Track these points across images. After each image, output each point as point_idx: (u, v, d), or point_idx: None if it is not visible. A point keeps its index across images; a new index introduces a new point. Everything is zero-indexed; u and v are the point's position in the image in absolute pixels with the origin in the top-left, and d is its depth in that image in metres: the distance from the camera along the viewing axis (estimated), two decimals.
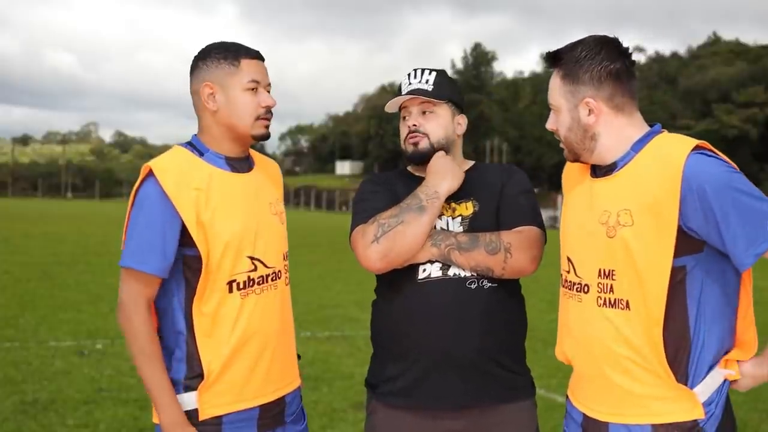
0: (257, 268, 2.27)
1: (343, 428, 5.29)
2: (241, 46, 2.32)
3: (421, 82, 2.44)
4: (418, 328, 2.32)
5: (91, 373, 6.54)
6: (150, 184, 2.18)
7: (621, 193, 2.04)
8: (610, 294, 2.04)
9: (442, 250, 2.31)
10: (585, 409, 2.16)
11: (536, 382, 2.56)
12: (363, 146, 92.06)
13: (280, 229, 2.40)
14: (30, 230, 24.50)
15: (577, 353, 2.17)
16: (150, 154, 69.80)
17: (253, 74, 2.28)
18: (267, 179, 2.44)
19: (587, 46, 2.11)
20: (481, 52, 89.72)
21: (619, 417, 2.07)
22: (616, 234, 2.02)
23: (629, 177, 2.05)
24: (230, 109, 2.27)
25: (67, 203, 65.12)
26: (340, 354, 7.66)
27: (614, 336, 2.04)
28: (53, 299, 10.62)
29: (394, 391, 2.38)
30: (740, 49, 75.16)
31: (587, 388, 2.15)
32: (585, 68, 2.09)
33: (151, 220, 2.15)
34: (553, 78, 2.15)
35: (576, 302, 2.14)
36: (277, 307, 2.34)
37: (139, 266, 2.14)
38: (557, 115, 2.16)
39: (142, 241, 2.15)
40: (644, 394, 2.03)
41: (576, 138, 2.13)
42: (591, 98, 2.09)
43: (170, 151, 2.31)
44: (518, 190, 2.46)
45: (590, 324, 2.09)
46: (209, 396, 2.21)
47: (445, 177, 2.36)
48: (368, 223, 2.33)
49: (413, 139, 2.44)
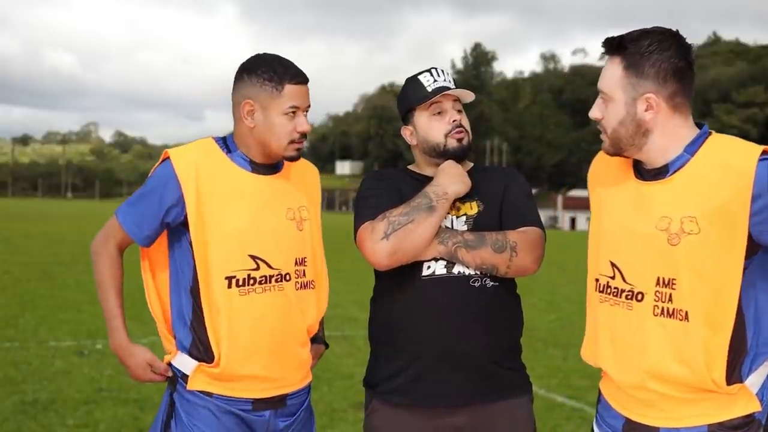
0: (260, 267, 2.29)
1: (343, 428, 5.28)
2: (289, 68, 2.32)
3: (446, 81, 2.50)
4: (421, 325, 2.34)
5: (91, 373, 6.55)
6: (165, 167, 2.30)
7: (682, 199, 1.96)
8: (669, 303, 1.97)
9: (449, 248, 2.33)
10: (629, 413, 2.08)
11: (536, 382, 2.57)
12: (363, 146, 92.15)
13: (295, 235, 2.39)
14: (30, 230, 24.52)
15: (621, 361, 2.08)
16: (150, 154, 69.64)
17: (294, 100, 2.31)
18: (296, 185, 2.46)
19: (656, 39, 1.98)
20: (481, 52, 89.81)
21: (672, 421, 2.00)
22: (681, 242, 1.94)
23: (689, 182, 1.97)
24: (267, 129, 2.31)
25: (67, 203, 65.14)
26: (340, 354, 7.65)
27: (668, 347, 1.97)
28: (53, 299, 10.62)
29: (395, 389, 2.39)
30: (740, 49, 75.25)
31: (631, 394, 2.07)
32: (652, 62, 1.97)
33: (153, 194, 2.30)
34: (612, 66, 2.03)
35: (624, 309, 2.05)
36: (282, 310, 2.34)
37: (122, 218, 2.34)
38: (607, 104, 2.05)
39: (136, 204, 2.34)
40: (697, 399, 1.98)
41: (626, 132, 2.03)
42: (653, 94, 1.98)
43: (197, 141, 2.41)
44: (520, 193, 2.51)
45: (642, 333, 2.01)
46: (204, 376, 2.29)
47: (455, 180, 2.39)
48: (377, 219, 2.34)
49: (460, 135, 2.48)
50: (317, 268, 2.48)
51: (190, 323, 2.30)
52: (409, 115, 2.53)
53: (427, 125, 2.50)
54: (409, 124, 2.55)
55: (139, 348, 2.35)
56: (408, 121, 2.55)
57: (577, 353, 2.41)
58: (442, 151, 2.48)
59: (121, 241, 2.36)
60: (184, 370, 2.32)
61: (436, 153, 2.48)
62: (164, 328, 2.39)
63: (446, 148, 2.47)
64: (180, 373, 2.33)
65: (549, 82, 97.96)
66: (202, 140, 2.40)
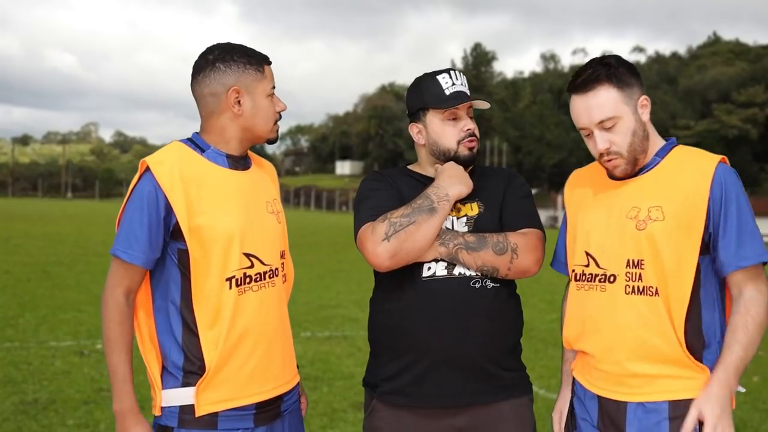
0: (254, 264, 2.28)
1: (343, 428, 5.29)
2: (257, 51, 2.36)
3: (463, 85, 2.49)
4: (422, 326, 2.34)
5: (91, 373, 6.56)
6: (146, 178, 2.21)
7: (651, 192, 2.20)
8: (639, 282, 2.18)
9: (450, 250, 2.33)
10: (600, 391, 2.26)
11: (536, 382, 2.58)
12: (363, 146, 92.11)
13: (277, 228, 2.40)
14: (30, 230, 24.50)
15: (595, 339, 2.26)
16: (150, 154, 69.50)
17: (272, 80, 2.35)
18: (264, 178, 2.46)
19: (613, 58, 2.23)
20: (481, 52, 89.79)
21: (637, 396, 2.18)
22: (647, 227, 2.17)
23: (658, 178, 2.22)
24: (255, 113, 2.31)
25: (67, 203, 65.15)
26: (340, 354, 7.66)
27: (641, 321, 2.16)
28: (53, 299, 10.62)
29: (396, 389, 2.39)
30: (740, 49, 75.24)
31: (604, 371, 2.24)
32: (629, 72, 2.21)
33: (141, 213, 2.18)
34: (604, 93, 2.19)
35: (598, 292, 2.25)
36: (275, 305, 2.35)
37: (123, 255, 2.19)
38: (614, 127, 2.20)
39: (129, 232, 2.19)
40: (662, 374, 2.16)
41: (638, 140, 2.21)
42: (644, 95, 2.24)
43: (167, 146, 2.33)
44: (520, 194, 2.51)
45: (616, 311, 2.21)
46: (207, 393, 2.22)
47: (456, 182, 2.39)
48: (378, 220, 2.34)
49: (472, 143, 2.48)
50: (289, 262, 2.49)
51: (181, 340, 2.23)
52: (421, 113, 2.50)
53: (441, 129, 2.48)
54: (419, 122, 2.51)
55: (145, 421, 2.25)
56: (418, 119, 2.52)
57: None
58: (452, 157, 2.47)
59: (129, 285, 2.22)
60: (183, 402, 2.22)
61: (445, 157, 2.48)
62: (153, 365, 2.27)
63: (457, 155, 2.47)
64: (175, 417, 2.23)
65: (549, 82, 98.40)
66: (171, 145, 2.32)
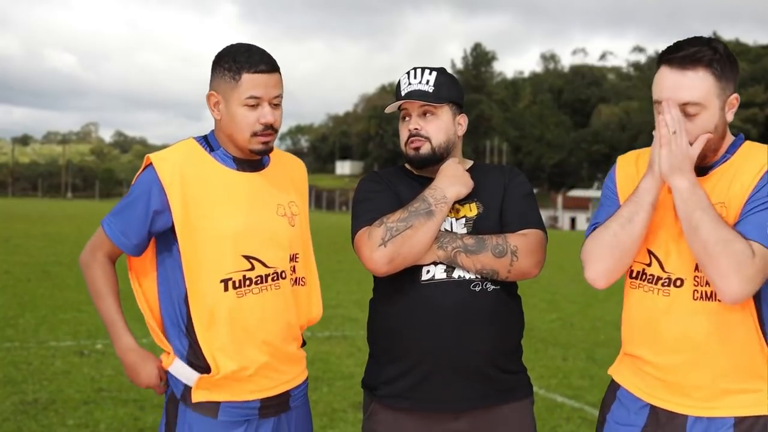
0: (255, 267, 2.26)
1: (343, 428, 5.28)
2: (251, 56, 2.21)
3: (421, 83, 2.38)
4: (421, 329, 2.31)
5: (91, 373, 6.55)
6: (148, 172, 2.24)
7: (716, 190, 2.06)
8: (707, 287, 2.03)
9: (448, 253, 2.29)
10: (656, 401, 2.11)
11: (536, 382, 2.57)
12: (363, 146, 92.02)
13: (287, 231, 2.35)
14: (30, 230, 24.50)
15: (654, 346, 2.11)
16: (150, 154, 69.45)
17: (253, 90, 2.20)
18: (283, 180, 2.41)
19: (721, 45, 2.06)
20: (481, 52, 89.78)
21: (701, 410, 2.04)
22: None
23: (723, 175, 2.09)
24: (229, 121, 2.26)
25: (67, 203, 65.12)
26: (340, 354, 7.66)
27: (709, 328, 2.03)
28: (53, 299, 10.60)
29: (395, 393, 2.37)
30: (740, 49, 75.20)
31: (662, 380, 2.10)
32: (731, 66, 2.07)
33: (138, 201, 2.24)
34: (702, 76, 2.02)
35: (661, 296, 2.10)
36: (280, 308, 2.32)
37: (108, 228, 2.28)
38: (698, 114, 2.04)
39: (121, 213, 2.28)
40: (729, 388, 2.02)
41: (716, 138, 2.08)
42: (736, 93, 2.10)
43: (178, 142, 2.35)
44: (521, 193, 2.45)
45: (682, 317, 2.06)
46: (207, 390, 2.23)
47: (454, 182, 2.34)
48: (374, 225, 2.30)
49: (414, 144, 2.39)
50: (308, 264, 2.45)
51: (186, 329, 2.25)
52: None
53: (400, 128, 2.47)
54: None
55: (152, 355, 2.30)
56: None
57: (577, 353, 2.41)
58: (408, 161, 2.44)
59: (110, 251, 2.32)
60: (185, 381, 2.25)
61: (407, 162, 2.45)
62: (159, 336, 2.32)
63: (407, 157, 2.44)
64: (181, 387, 2.26)
65: (549, 82, 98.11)
66: (183, 141, 2.34)
